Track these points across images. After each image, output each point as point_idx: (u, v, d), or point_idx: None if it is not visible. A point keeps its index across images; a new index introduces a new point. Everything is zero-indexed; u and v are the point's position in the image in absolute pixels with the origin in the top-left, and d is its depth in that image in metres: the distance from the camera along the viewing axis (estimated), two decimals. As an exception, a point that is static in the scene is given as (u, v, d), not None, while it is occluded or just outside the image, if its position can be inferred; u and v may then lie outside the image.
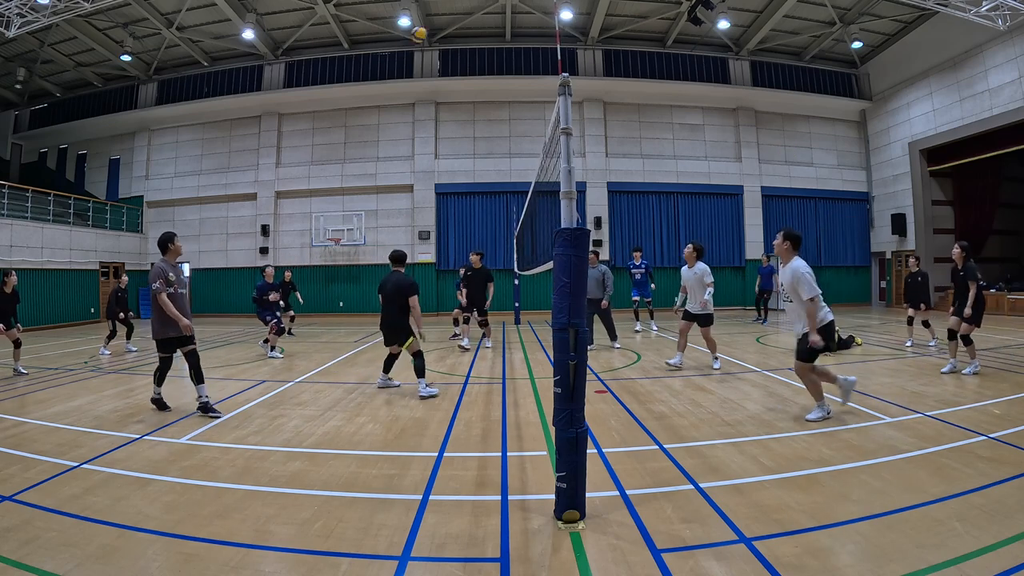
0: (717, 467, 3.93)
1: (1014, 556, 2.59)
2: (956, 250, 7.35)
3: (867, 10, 17.78)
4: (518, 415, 5.54)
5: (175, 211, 20.98)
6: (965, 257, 7.25)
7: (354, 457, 4.30)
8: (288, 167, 20.33)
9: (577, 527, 3.02)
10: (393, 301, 6.46)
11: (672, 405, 5.82)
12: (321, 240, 19.57)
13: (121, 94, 21.54)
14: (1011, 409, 5.30)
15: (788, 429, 4.84)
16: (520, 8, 18.30)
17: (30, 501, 3.41)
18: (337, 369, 8.56)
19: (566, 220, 3.32)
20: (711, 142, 20.63)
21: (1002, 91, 15.52)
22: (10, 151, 22.45)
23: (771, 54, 20.50)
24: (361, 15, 18.47)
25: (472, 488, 3.63)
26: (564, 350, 3.16)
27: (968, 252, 7.30)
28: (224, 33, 18.96)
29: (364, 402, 6.19)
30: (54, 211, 17.72)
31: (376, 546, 2.86)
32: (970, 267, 7.15)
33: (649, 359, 9.03)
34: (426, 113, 19.95)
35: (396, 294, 6.44)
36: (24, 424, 5.29)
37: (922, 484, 3.50)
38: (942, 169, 18.42)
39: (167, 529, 3.04)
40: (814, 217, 20.77)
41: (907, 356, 8.84)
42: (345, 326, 16.22)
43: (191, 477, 3.85)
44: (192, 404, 5.88)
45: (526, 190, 12.13)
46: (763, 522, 3.04)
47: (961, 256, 7.27)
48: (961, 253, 7.28)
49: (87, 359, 9.97)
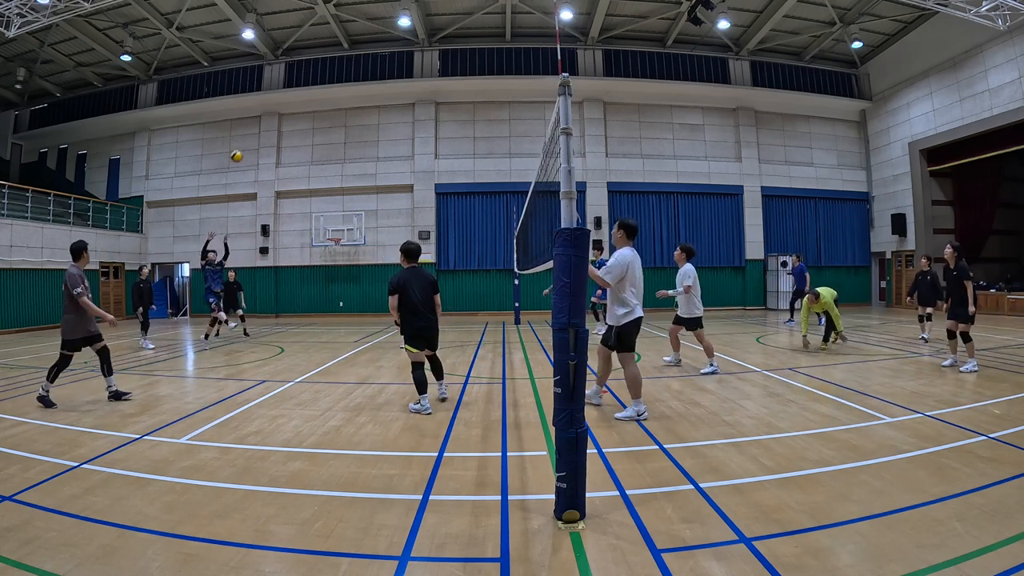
0: (717, 467, 3.93)
1: (1014, 556, 2.59)
2: (948, 250, 7.48)
3: (867, 10, 17.77)
4: (518, 415, 5.54)
5: (175, 211, 20.99)
6: (957, 257, 7.38)
7: (354, 457, 4.30)
8: (288, 167, 20.33)
9: (577, 527, 3.02)
10: (426, 301, 5.72)
11: (672, 405, 5.82)
12: (321, 240, 19.57)
13: (121, 94, 21.54)
14: (1011, 409, 5.30)
15: (788, 429, 4.84)
16: (520, 8, 18.30)
17: (30, 501, 3.41)
18: (337, 369, 8.56)
19: (566, 220, 3.32)
20: (711, 142, 20.63)
21: (1002, 91, 15.52)
22: (10, 151, 22.45)
23: (771, 54, 20.51)
24: (361, 15, 18.46)
25: (472, 488, 3.63)
26: (564, 350, 3.16)
27: (960, 252, 7.43)
28: (224, 33, 18.95)
29: (364, 402, 6.19)
30: (54, 211, 17.72)
31: (376, 546, 2.86)
32: (962, 266, 7.28)
33: (649, 359, 9.03)
34: (426, 113, 19.95)
35: (431, 292, 5.77)
36: (24, 424, 5.29)
37: (922, 484, 3.50)
38: (942, 169, 18.42)
39: (167, 529, 3.04)
40: (814, 217, 20.78)
41: (907, 356, 8.84)
42: (345, 326, 16.22)
43: (191, 477, 3.85)
44: (190, 405, 5.88)
45: (526, 190, 12.14)
46: (763, 522, 3.04)
47: (953, 256, 7.40)
48: (953, 253, 7.41)
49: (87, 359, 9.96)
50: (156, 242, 21.06)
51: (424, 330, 5.76)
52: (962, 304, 7.26)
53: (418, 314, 5.68)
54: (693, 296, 7.76)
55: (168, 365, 9.29)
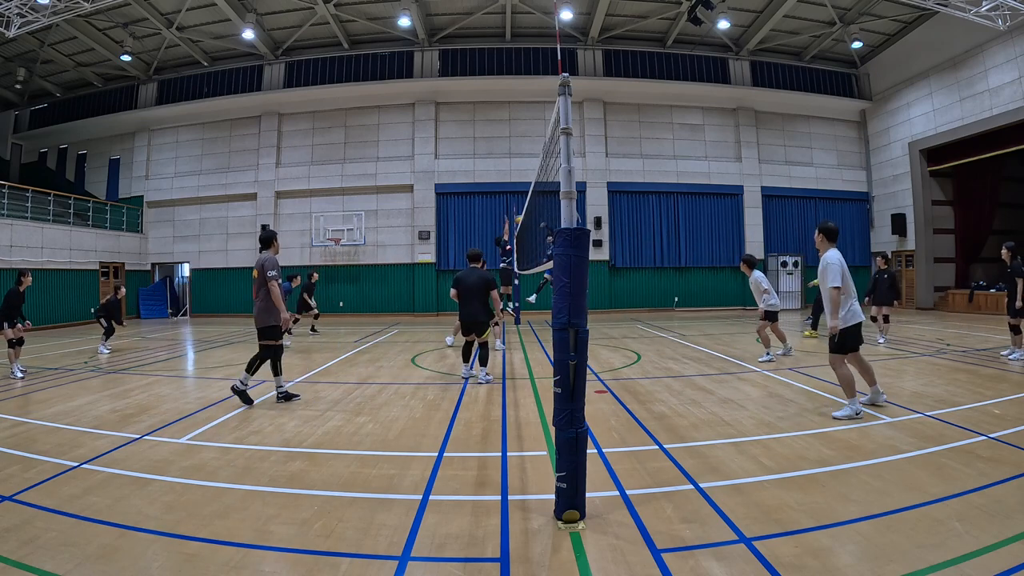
0: (717, 467, 3.93)
1: (1014, 556, 2.59)
2: (1004, 251, 8.01)
3: (867, 10, 17.77)
4: (518, 415, 5.54)
5: (175, 211, 21.00)
6: (1012, 256, 7.87)
7: (354, 457, 4.30)
8: (288, 167, 20.33)
9: (577, 527, 3.02)
10: (475, 296, 7.14)
11: (672, 405, 5.82)
12: (321, 240, 19.57)
13: (121, 94, 21.54)
14: (1011, 409, 5.30)
15: (788, 429, 4.84)
16: (520, 8, 18.29)
17: (30, 501, 3.41)
18: (337, 369, 8.56)
19: (566, 220, 3.32)
20: (711, 142, 20.63)
21: (1002, 91, 15.52)
22: (10, 151, 22.45)
23: (771, 54, 20.50)
24: (361, 15, 18.46)
25: (472, 488, 3.63)
26: (564, 350, 3.16)
27: (1014, 251, 7.90)
28: (224, 33, 18.95)
29: (364, 402, 6.19)
30: (54, 211, 17.72)
31: (376, 546, 2.86)
32: (1016, 265, 7.78)
33: (649, 359, 9.03)
34: (426, 113, 19.95)
35: (482, 289, 7.16)
36: (24, 424, 5.29)
37: (922, 484, 3.50)
38: (942, 169, 18.42)
39: (167, 529, 3.04)
40: (814, 217, 20.73)
41: (908, 356, 8.84)
42: (345, 326, 16.22)
43: (191, 477, 3.85)
44: (191, 405, 5.88)
45: (526, 190, 12.12)
46: (763, 522, 3.04)
47: (1008, 255, 7.91)
48: (1008, 253, 7.91)
49: (87, 359, 9.97)
50: (156, 242, 21.07)
51: (466, 318, 7.23)
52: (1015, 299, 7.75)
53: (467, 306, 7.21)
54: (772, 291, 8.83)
55: (168, 365, 9.29)
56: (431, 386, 7.11)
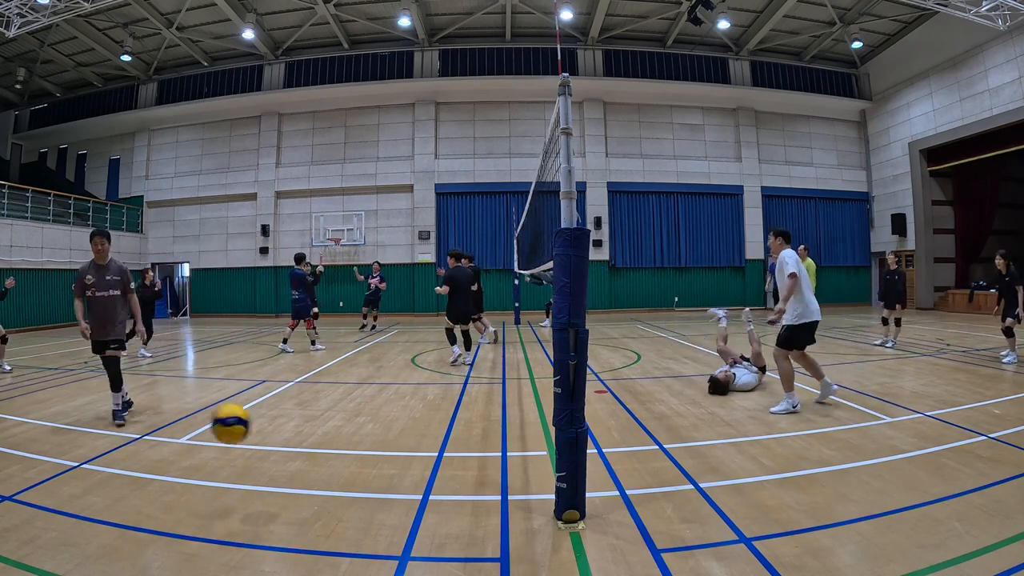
0: (717, 467, 3.93)
1: (1014, 556, 2.59)
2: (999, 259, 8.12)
3: (867, 10, 17.77)
4: (518, 415, 5.54)
5: (175, 211, 20.99)
6: (1007, 263, 7.99)
7: (354, 457, 4.30)
8: (288, 167, 20.32)
9: (577, 527, 3.02)
10: (468, 290, 8.54)
11: (672, 405, 5.82)
12: (321, 240, 19.57)
13: (121, 94, 21.54)
14: (1011, 409, 5.30)
15: (788, 429, 4.84)
16: (520, 8, 18.29)
17: (30, 501, 3.40)
18: (337, 369, 8.55)
19: (566, 220, 3.32)
20: (711, 142, 20.63)
21: (1002, 91, 15.52)
22: (10, 151, 22.44)
23: (771, 54, 20.50)
24: (361, 15, 18.46)
25: (472, 488, 3.63)
26: (564, 350, 3.16)
27: (1009, 259, 8.05)
28: (224, 33, 18.95)
29: (364, 402, 6.19)
30: (54, 211, 17.72)
31: (376, 546, 2.86)
32: (1014, 272, 7.94)
33: (649, 359, 9.03)
34: (426, 113, 19.95)
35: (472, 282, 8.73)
36: (24, 424, 5.29)
37: (922, 484, 3.50)
38: (942, 169, 18.41)
39: (167, 529, 3.03)
40: (814, 217, 20.77)
41: (908, 356, 8.84)
42: (345, 326, 16.21)
43: (191, 477, 3.85)
44: (190, 406, 5.88)
45: (526, 190, 12.13)
46: (763, 522, 3.04)
47: (1004, 263, 8.02)
48: (1003, 260, 8.03)
49: (87, 359, 9.96)
50: (156, 242, 21.06)
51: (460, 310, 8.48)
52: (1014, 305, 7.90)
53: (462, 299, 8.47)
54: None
55: (168, 365, 9.29)
56: (431, 386, 7.10)
